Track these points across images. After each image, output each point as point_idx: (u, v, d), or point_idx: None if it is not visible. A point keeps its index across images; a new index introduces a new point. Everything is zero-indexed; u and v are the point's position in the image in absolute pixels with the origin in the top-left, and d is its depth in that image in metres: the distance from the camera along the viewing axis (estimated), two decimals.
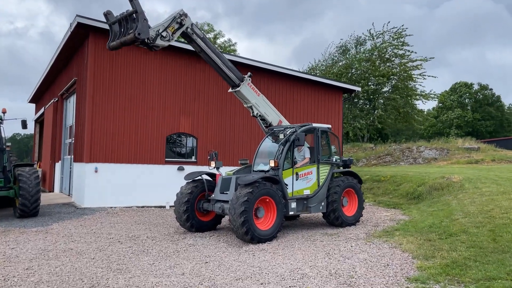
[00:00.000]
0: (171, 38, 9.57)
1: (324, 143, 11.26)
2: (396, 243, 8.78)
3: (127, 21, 9.03)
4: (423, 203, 15.02)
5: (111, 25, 9.29)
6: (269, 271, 7.07)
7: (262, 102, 11.21)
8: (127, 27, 9.02)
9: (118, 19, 9.15)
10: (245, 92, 10.80)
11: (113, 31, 9.29)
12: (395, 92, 33.84)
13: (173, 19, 9.59)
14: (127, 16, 8.98)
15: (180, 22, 9.69)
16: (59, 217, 12.95)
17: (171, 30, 9.48)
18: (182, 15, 9.72)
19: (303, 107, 18.95)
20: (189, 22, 9.94)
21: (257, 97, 11.09)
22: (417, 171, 20.87)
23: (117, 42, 9.00)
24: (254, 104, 11.02)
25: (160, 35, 9.31)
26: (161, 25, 9.41)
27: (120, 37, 9.05)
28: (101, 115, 14.57)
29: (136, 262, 7.80)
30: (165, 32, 9.39)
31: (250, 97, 10.93)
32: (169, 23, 9.52)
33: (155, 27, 9.25)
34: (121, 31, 9.11)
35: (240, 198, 9.06)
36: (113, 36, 9.27)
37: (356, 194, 11.64)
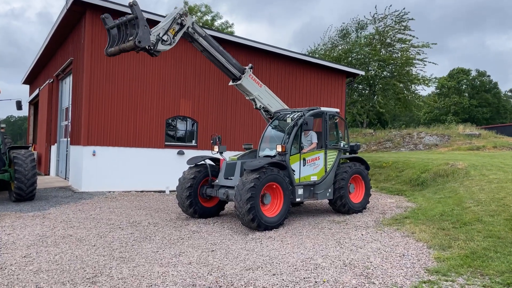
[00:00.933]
0: (173, 42, 9.02)
1: (332, 128, 10.89)
2: (408, 232, 8.49)
3: (127, 27, 8.45)
4: (428, 189, 14.78)
5: (109, 29, 8.72)
6: (280, 260, 6.76)
7: (265, 93, 10.74)
8: (127, 32, 8.45)
9: (117, 24, 8.58)
10: (246, 84, 10.30)
11: (111, 36, 8.71)
12: (395, 78, 33.42)
13: (173, 20, 8.99)
14: (126, 21, 8.41)
15: (181, 22, 9.12)
16: (56, 201, 12.57)
17: (172, 32, 8.92)
18: (182, 14, 9.12)
19: (304, 91, 18.53)
20: (190, 21, 9.36)
21: (260, 89, 10.60)
22: (419, 157, 20.61)
23: (116, 48, 8.44)
24: (256, 96, 10.55)
25: (161, 39, 8.76)
26: (161, 28, 8.81)
27: (119, 43, 8.48)
28: (99, 97, 14.09)
29: (139, 249, 7.47)
30: (166, 35, 8.84)
31: (252, 89, 10.44)
32: (169, 25, 8.93)
33: (154, 31, 8.66)
34: (120, 36, 8.55)
35: (247, 184, 8.71)
36: (111, 41, 8.70)
37: (363, 180, 11.33)
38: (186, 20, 9.24)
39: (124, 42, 8.37)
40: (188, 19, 9.31)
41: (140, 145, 14.90)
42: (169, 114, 15.46)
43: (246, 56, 17.00)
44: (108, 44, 8.77)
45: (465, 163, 16.05)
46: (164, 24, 8.89)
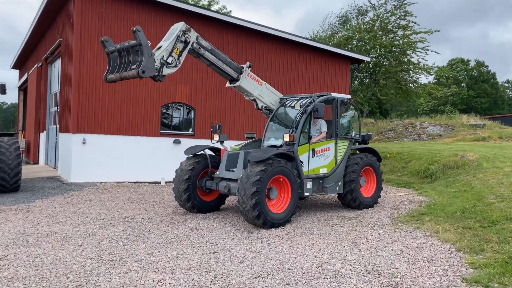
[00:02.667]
0: (178, 63, 8.13)
1: (343, 116, 10.04)
2: (430, 231, 7.69)
3: (129, 52, 7.58)
4: (438, 182, 14.02)
5: (109, 53, 7.85)
6: (292, 265, 5.93)
7: (266, 91, 9.75)
8: (129, 59, 7.58)
9: (118, 49, 7.70)
10: (245, 85, 9.28)
11: (111, 60, 7.85)
12: (396, 65, 32.49)
13: (176, 39, 8.05)
14: (128, 47, 7.54)
15: (185, 40, 8.20)
16: (43, 193, 11.67)
17: (176, 52, 8.03)
18: (186, 31, 8.20)
19: (307, 78, 17.60)
20: (194, 36, 8.43)
21: (260, 87, 9.59)
22: (424, 148, 19.86)
23: (117, 76, 7.59)
24: (257, 96, 9.55)
25: (166, 63, 7.87)
26: (164, 50, 7.89)
27: (121, 70, 7.62)
28: (89, 81, 13.11)
29: (132, 250, 6.62)
30: (170, 57, 7.94)
31: (252, 89, 9.43)
32: (173, 45, 8.00)
33: (158, 55, 7.76)
34: (121, 62, 7.69)
35: (251, 177, 7.86)
36: (111, 66, 7.85)
37: (375, 173, 10.52)
38: (190, 36, 8.33)
39: (126, 70, 7.54)
40: (192, 35, 8.39)
41: (133, 133, 13.98)
42: (164, 100, 14.52)
43: (246, 40, 16.03)
44: (108, 69, 7.89)
45: (475, 154, 15.30)
46: (167, 45, 7.96)
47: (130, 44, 7.41)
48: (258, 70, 16.28)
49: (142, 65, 7.19)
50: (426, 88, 37.56)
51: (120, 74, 7.51)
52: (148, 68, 7.27)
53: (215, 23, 15.29)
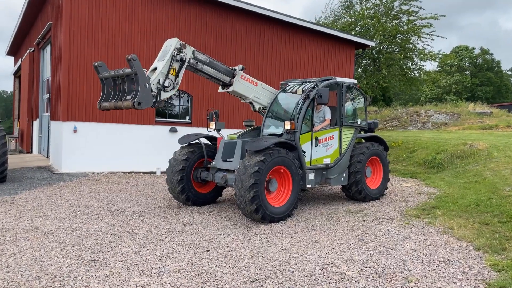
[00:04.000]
0: (176, 85, 7.50)
1: (349, 102, 9.38)
2: (444, 227, 7.07)
3: (124, 81, 7.00)
4: (446, 172, 13.40)
5: (103, 79, 7.29)
6: (293, 267, 5.33)
7: (263, 90, 8.97)
8: (124, 87, 7.01)
9: (112, 76, 7.11)
10: (239, 88, 8.53)
11: (105, 86, 7.28)
12: (400, 52, 31.65)
13: (171, 58, 7.37)
14: (123, 75, 6.95)
15: (181, 58, 7.52)
16: (31, 183, 11.08)
17: (173, 73, 7.38)
18: (181, 48, 7.51)
19: (310, 63, 16.87)
20: (190, 51, 7.75)
21: (256, 88, 8.82)
22: (430, 136, 19.19)
23: (111, 104, 7.05)
24: (253, 99, 8.81)
25: (163, 87, 7.24)
26: (160, 74, 7.24)
27: (115, 99, 7.05)
28: (80, 66, 12.44)
29: (118, 248, 6.03)
30: (167, 80, 7.30)
31: (246, 91, 8.68)
32: (169, 67, 7.34)
33: (153, 79, 7.12)
34: (116, 90, 7.12)
35: (250, 168, 7.23)
36: (106, 92, 7.28)
37: (382, 163, 9.88)
38: (186, 53, 7.65)
39: (120, 99, 6.97)
40: (188, 51, 7.71)
41: (127, 121, 13.34)
42: None
43: (246, 24, 15.29)
44: (102, 95, 7.32)
45: (485, 143, 14.65)
46: (163, 67, 7.30)
47: (125, 73, 6.88)
48: (257, 55, 15.57)
49: (138, 96, 6.70)
50: (430, 75, 36.77)
51: (114, 104, 7.02)
52: (144, 100, 6.77)
53: (212, 5, 14.53)
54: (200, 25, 14.42)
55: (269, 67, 15.77)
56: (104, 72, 7.26)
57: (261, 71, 15.55)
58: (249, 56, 15.36)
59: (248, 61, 15.26)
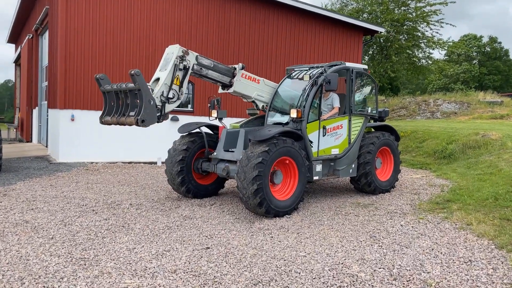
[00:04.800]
0: (181, 95, 7.09)
1: (358, 89, 8.86)
2: (461, 222, 6.59)
3: (127, 95, 6.65)
4: (457, 163, 12.88)
5: (105, 92, 6.91)
6: (300, 267, 4.88)
7: (265, 87, 8.44)
8: (127, 102, 6.64)
9: (115, 90, 6.72)
10: (241, 88, 8.02)
11: (107, 99, 6.95)
12: (408, 40, 30.88)
13: (174, 68, 6.94)
14: (126, 90, 6.59)
15: (184, 66, 7.07)
16: (27, 174, 10.69)
17: (176, 83, 6.97)
18: (183, 54, 7.05)
19: (316, 49, 16.27)
20: (194, 57, 7.28)
21: (258, 86, 8.29)
22: (440, 126, 18.63)
23: (113, 120, 6.74)
24: (256, 97, 8.29)
25: (167, 99, 6.83)
26: (163, 85, 6.82)
27: (118, 115, 6.69)
28: (77, 52, 11.96)
29: (111, 245, 5.61)
30: (171, 91, 6.89)
31: (248, 91, 8.17)
32: (172, 76, 6.91)
33: (157, 92, 6.73)
34: (119, 104, 6.75)
35: (253, 159, 6.77)
36: (108, 106, 6.94)
37: (392, 154, 9.38)
38: (189, 60, 7.19)
39: (123, 115, 6.65)
40: (191, 57, 7.23)
41: None
42: None
43: (249, 8, 14.70)
44: (104, 109, 6.99)
45: (498, 133, 14.10)
46: (166, 78, 6.87)
47: (128, 88, 6.50)
48: (262, 41, 15.01)
49: (141, 113, 6.34)
50: (438, 64, 35.98)
51: (117, 120, 6.69)
52: (148, 118, 6.42)
53: None
54: (203, 11, 13.87)
55: (274, 54, 15.21)
56: (106, 85, 6.93)
57: (266, 58, 15.01)
58: (253, 42, 14.80)
59: (252, 48, 14.72)
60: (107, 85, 6.92)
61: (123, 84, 6.64)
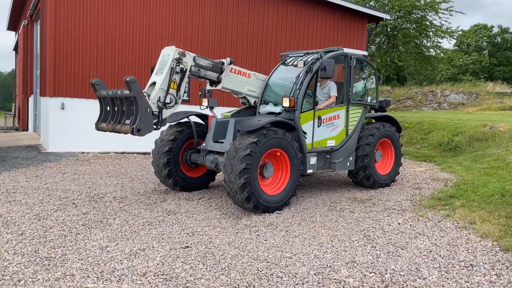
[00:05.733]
0: (179, 99, 6.72)
1: (357, 77, 8.34)
2: (464, 221, 6.10)
3: (122, 102, 6.34)
4: (463, 156, 12.34)
5: (100, 98, 6.65)
6: (283, 270, 4.44)
7: (257, 82, 7.91)
8: (123, 109, 6.37)
9: (110, 96, 6.45)
10: (230, 84, 7.49)
11: (103, 105, 6.67)
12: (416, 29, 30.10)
13: (171, 71, 6.53)
14: (122, 97, 6.27)
15: (181, 69, 6.66)
16: (14, 163, 10.33)
17: (174, 87, 6.60)
18: (180, 56, 6.63)
19: (317, 37, 15.70)
20: (191, 59, 6.86)
21: (249, 80, 7.78)
22: (446, 117, 18.03)
23: (109, 127, 6.47)
24: (247, 93, 7.78)
25: (165, 104, 6.49)
26: (159, 90, 6.46)
27: (114, 122, 6.46)
28: (67, 37, 11.51)
29: (83, 243, 5.20)
30: (168, 96, 6.52)
31: (238, 86, 7.65)
32: (168, 80, 6.52)
33: (153, 97, 6.39)
34: (115, 111, 6.44)
35: (240, 151, 6.32)
36: (104, 112, 6.67)
37: (393, 146, 8.88)
38: (187, 62, 6.78)
39: (119, 122, 6.38)
40: (188, 59, 6.81)
41: None
42: (155, 60, 12.79)
43: None
44: (100, 115, 6.71)
45: (507, 125, 13.51)
46: (162, 82, 6.49)
47: (124, 94, 6.17)
48: (260, 28, 14.47)
49: (137, 122, 6.04)
50: (447, 53, 35.14)
51: (112, 127, 6.42)
52: (144, 127, 6.14)
53: None
54: None
55: (273, 41, 14.67)
56: (102, 90, 6.58)
57: (264, 46, 14.47)
58: (251, 29, 14.26)
59: (250, 35, 14.19)
60: (102, 91, 6.61)
61: (118, 91, 6.33)
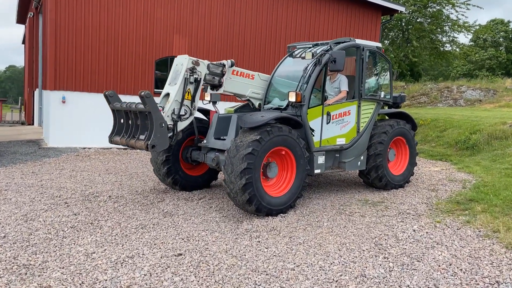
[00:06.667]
0: (193, 110, 6.43)
1: (370, 70, 7.79)
2: (486, 229, 5.56)
3: (137, 116, 6.09)
4: (481, 155, 11.73)
5: (114, 110, 6.44)
6: (283, 285, 3.97)
7: (261, 83, 7.38)
8: (137, 123, 6.13)
9: (124, 109, 6.22)
10: (232, 87, 6.97)
11: (117, 117, 6.45)
12: (432, 23, 29.23)
13: (185, 81, 6.18)
14: (136, 112, 6.02)
15: (195, 79, 6.30)
16: (12, 159, 10.00)
17: (188, 98, 6.27)
18: (193, 66, 6.27)
19: (329, 29, 15.12)
20: (204, 67, 6.46)
21: (252, 82, 7.24)
22: (463, 114, 17.34)
23: (123, 141, 6.23)
24: (251, 95, 7.26)
25: (179, 117, 6.14)
26: (173, 102, 6.12)
27: (128, 136, 6.19)
28: (68, 28, 11.13)
29: (68, 248, 4.79)
30: (184, 107, 6.24)
31: (242, 89, 7.13)
32: (182, 91, 6.18)
33: (167, 110, 6.08)
34: (128, 124, 6.28)
35: (242, 149, 5.84)
36: (118, 125, 6.43)
37: (408, 145, 8.32)
38: (200, 71, 6.39)
39: (133, 137, 6.12)
40: (202, 68, 6.43)
41: (123, 91, 12.04)
42: (159, 54, 12.45)
43: None
44: (113, 128, 6.47)
45: None
46: (176, 94, 6.16)
47: (138, 109, 5.90)
48: (270, 19, 13.93)
49: (152, 138, 5.76)
50: (463, 48, 34.20)
51: (126, 141, 6.17)
52: (159, 143, 5.85)
53: None
54: None
55: (283, 33, 14.14)
56: (116, 103, 6.33)
57: (273, 37, 13.95)
58: (260, 19, 13.75)
59: (259, 25, 13.68)
60: (116, 103, 6.35)
61: (133, 105, 6.04)
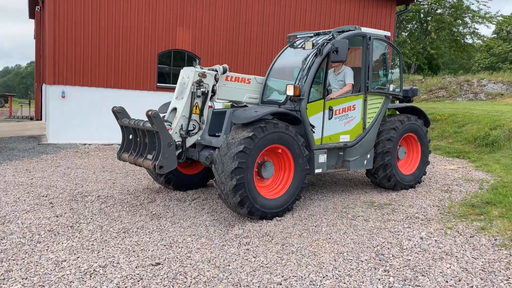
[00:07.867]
0: (202, 124, 6.10)
1: (378, 62, 7.21)
2: (503, 237, 4.97)
3: (145, 134, 5.92)
4: (502, 152, 11.03)
5: (123, 126, 6.31)
6: None
7: (258, 86, 6.86)
8: (145, 141, 5.95)
9: (132, 126, 6.05)
10: (226, 94, 6.49)
11: (125, 134, 6.31)
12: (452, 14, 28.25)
13: (192, 95, 5.85)
14: (144, 130, 5.84)
15: (202, 92, 5.94)
16: (9, 155, 9.74)
17: (196, 112, 5.95)
18: (200, 78, 5.91)
19: (340, 20, 14.46)
20: (212, 79, 6.08)
21: (248, 87, 6.74)
22: (483, 109, 16.51)
23: (131, 159, 6.07)
24: (248, 101, 6.77)
25: (188, 132, 5.93)
26: (181, 117, 5.84)
27: (136, 155, 6.01)
28: (67, 21, 10.80)
29: (38, 255, 4.40)
30: (192, 122, 5.96)
31: (237, 95, 6.65)
32: (190, 106, 5.86)
33: (175, 126, 5.81)
34: (137, 141, 6.12)
35: (233, 147, 5.37)
36: (126, 141, 6.29)
37: (419, 142, 7.73)
38: (207, 83, 6.02)
39: (141, 156, 5.94)
40: (209, 80, 6.03)
41: (125, 86, 11.70)
42: (162, 47, 12.03)
43: None
44: (122, 144, 6.32)
45: None
46: (183, 109, 5.85)
47: (146, 127, 5.74)
48: (278, 7, 13.39)
49: (160, 159, 5.54)
50: (485, 40, 33.02)
51: (134, 160, 6.02)
52: (166, 164, 5.63)
53: None
54: None
55: (291, 23, 13.58)
56: (124, 119, 6.21)
57: (281, 27, 13.42)
58: (268, 9, 13.21)
59: (266, 15, 13.15)
60: (125, 120, 6.17)
61: (140, 123, 5.82)
